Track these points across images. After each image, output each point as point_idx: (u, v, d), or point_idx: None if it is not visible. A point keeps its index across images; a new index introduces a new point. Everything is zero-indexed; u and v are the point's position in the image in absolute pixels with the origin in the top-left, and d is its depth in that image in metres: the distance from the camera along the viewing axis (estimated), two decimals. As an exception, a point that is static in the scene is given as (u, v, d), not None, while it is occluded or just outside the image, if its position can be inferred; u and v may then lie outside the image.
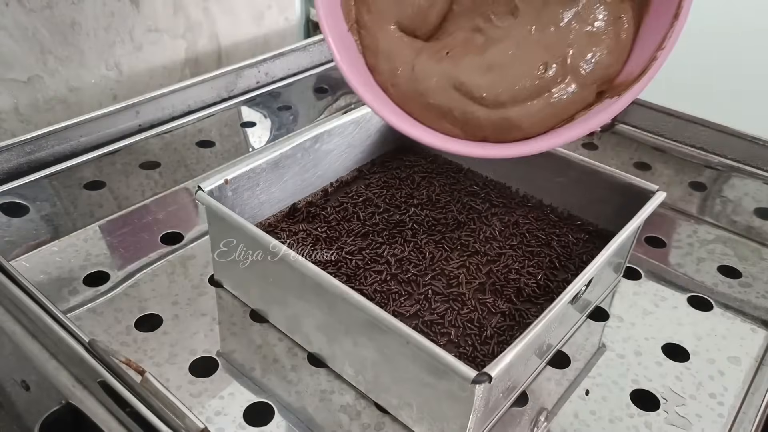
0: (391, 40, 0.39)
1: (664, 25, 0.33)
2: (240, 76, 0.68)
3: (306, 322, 0.38)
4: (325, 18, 0.37)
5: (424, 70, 0.38)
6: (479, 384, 0.29)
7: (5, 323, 0.39)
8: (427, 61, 0.38)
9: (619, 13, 0.35)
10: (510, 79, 0.36)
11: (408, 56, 0.39)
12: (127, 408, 0.32)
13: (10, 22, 0.55)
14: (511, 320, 0.39)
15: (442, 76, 0.37)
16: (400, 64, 0.39)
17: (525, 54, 0.36)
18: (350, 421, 0.36)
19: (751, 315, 0.45)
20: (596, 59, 0.35)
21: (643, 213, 0.41)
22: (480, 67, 0.37)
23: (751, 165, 0.60)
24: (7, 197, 0.51)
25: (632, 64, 0.35)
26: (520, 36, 0.36)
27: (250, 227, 0.37)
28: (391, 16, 0.39)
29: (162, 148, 0.59)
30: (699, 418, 0.37)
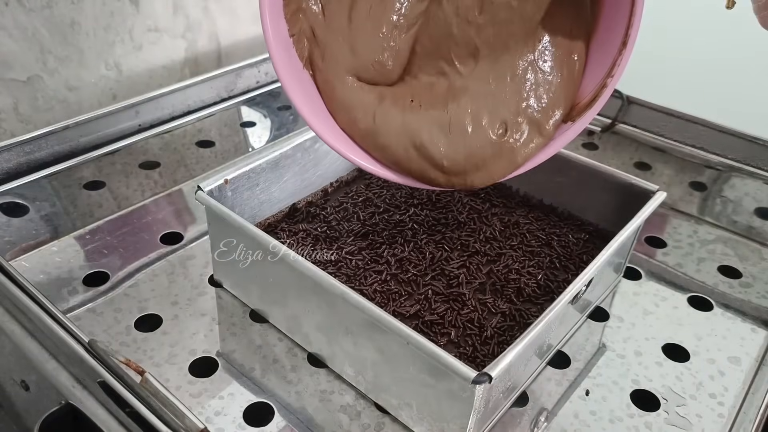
0: (348, 90, 0.37)
1: (612, 51, 0.33)
2: (240, 76, 0.68)
3: (306, 322, 0.38)
4: (275, 51, 0.35)
5: (386, 121, 0.36)
6: (479, 384, 0.29)
7: (5, 323, 0.39)
8: (390, 109, 0.37)
9: (572, 52, 0.35)
10: (470, 146, 0.35)
11: (369, 104, 0.37)
12: (127, 408, 0.32)
13: (10, 22, 0.55)
14: (512, 320, 0.39)
15: (403, 133, 0.36)
16: (361, 115, 0.37)
17: (485, 112, 0.36)
18: (350, 422, 0.36)
19: (751, 315, 0.45)
20: (553, 103, 0.35)
21: (644, 213, 0.41)
22: (441, 127, 0.36)
23: (751, 165, 0.60)
24: (6, 197, 0.51)
25: (583, 88, 0.35)
26: (480, 89, 0.36)
27: (250, 227, 0.37)
28: (347, 67, 0.37)
29: (162, 148, 0.59)
30: (699, 418, 0.37)
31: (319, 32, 0.36)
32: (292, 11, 0.35)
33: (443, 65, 0.37)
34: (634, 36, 0.32)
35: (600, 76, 0.34)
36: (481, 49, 0.35)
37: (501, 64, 0.35)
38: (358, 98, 0.37)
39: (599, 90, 0.33)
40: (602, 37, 0.34)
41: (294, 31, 0.36)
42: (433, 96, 0.37)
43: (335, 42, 0.36)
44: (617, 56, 0.33)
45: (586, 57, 0.35)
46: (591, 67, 0.35)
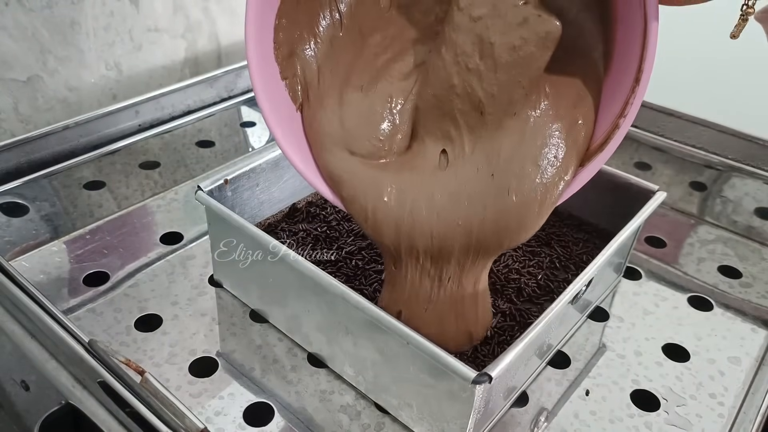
0: (344, 164, 0.34)
1: (624, 90, 0.31)
2: (240, 75, 0.68)
3: (306, 322, 0.38)
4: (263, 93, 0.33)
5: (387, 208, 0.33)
6: (479, 384, 0.29)
7: (5, 323, 0.39)
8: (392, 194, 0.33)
9: (582, 99, 0.32)
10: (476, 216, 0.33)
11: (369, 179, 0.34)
12: (127, 408, 0.32)
13: (10, 22, 0.55)
14: (512, 320, 0.39)
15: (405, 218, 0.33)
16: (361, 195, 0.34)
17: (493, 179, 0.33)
18: (350, 422, 0.36)
19: (751, 315, 0.45)
20: (566, 160, 0.32)
21: (644, 213, 0.41)
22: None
23: (751, 165, 0.60)
24: (6, 197, 0.51)
25: (596, 128, 0.33)
26: (486, 153, 0.33)
27: (250, 227, 0.37)
28: (341, 143, 0.34)
29: (162, 148, 0.59)
30: (699, 418, 0.37)
31: (312, 94, 0.35)
32: (285, 55, 0.34)
33: (449, 127, 0.34)
34: (648, 74, 0.30)
35: (612, 116, 0.32)
36: (485, 102, 0.32)
37: (506, 123, 0.33)
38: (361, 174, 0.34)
39: (611, 131, 0.31)
40: (614, 76, 0.32)
41: (287, 75, 0.34)
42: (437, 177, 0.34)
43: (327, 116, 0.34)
44: (629, 95, 0.30)
45: (599, 101, 0.33)
46: (604, 107, 0.33)
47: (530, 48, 0.31)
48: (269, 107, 0.33)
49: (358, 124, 0.34)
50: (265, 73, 0.33)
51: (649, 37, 0.29)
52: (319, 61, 0.35)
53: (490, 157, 0.33)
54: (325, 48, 0.35)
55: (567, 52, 0.32)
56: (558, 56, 0.32)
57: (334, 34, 0.35)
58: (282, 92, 0.34)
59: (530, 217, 0.32)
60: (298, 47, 0.34)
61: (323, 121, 0.35)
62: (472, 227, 0.32)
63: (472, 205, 0.32)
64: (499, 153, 0.33)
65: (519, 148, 0.32)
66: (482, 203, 0.32)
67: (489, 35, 0.31)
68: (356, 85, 0.35)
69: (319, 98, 0.35)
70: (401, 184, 0.33)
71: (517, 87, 0.32)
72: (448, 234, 0.33)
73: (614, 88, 0.32)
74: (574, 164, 0.32)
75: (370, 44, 0.35)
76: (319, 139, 0.35)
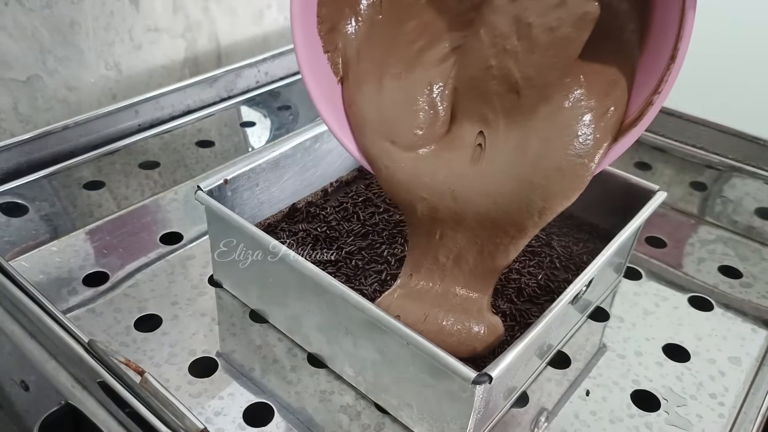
0: (385, 155, 0.35)
1: (660, 66, 0.31)
2: (239, 75, 0.68)
3: (306, 323, 0.38)
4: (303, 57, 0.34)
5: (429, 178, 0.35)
6: (479, 385, 0.29)
7: (5, 323, 0.39)
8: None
9: (617, 79, 0.33)
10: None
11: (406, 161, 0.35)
12: (127, 408, 0.32)
13: (10, 22, 0.55)
14: (512, 320, 0.39)
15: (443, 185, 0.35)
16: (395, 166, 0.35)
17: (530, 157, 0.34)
18: (350, 422, 0.36)
19: (751, 315, 0.45)
20: (601, 136, 0.33)
21: (644, 213, 0.41)
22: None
23: (751, 165, 0.60)
24: (6, 197, 0.51)
25: (630, 105, 0.33)
26: (524, 132, 0.34)
27: (249, 227, 0.37)
28: (381, 132, 0.35)
29: (161, 147, 0.59)
30: (699, 418, 0.37)
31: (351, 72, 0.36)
32: (327, 29, 0.35)
33: (485, 110, 0.35)
34: (684, 50, 0.30)
35: (646, 92, 0.32)
36: (522, 83, 0.33)
37: (542, 104, 0.33)
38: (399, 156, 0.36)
39: (645, 108, 0.32)
40: (649, 54, 0.33)
41: (329, 48, 0.36)
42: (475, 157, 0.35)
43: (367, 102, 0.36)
44: (665, 72, 0.31)
45: (632, 79, 0.33)
46: (637, 84, 0.33)
47: (567, 29, 0.32)
48: (312, 78, 0.35)
49: (399, 115, 0.35)
50: (309, 45, 0.35)
51: (686, 15, 0.30)
52: (359, 41, 0.36)
53: (526, 137, 0.33)
54: (365, 29, 0.36)
55: (601, 32, 0.32)
56: (592, 37, 0.32)
57: (373, 16, 0.36)
58: (324, 65, 0.36)
59: (566, 189, 0.32)
60: (339, 23, 0.36)
61: (363, 107, 0.36)
62: (507, 202, 0.33)
63: (508, 182, 0.33)
64: (535, 132, 0.33)
65: (554, 128, 0.33)
66: (518, 179, 0.33)
67: (527, 16, 0.32)
68: (394, 73, 0.36)
69: (357, 81, 0.36)
70: (440, 171, 0.34)
71: (553, 69, 0.33)
72: (485, 209, 0.34)
73: (649, 64, 0.32)
74: (608, 140, 0.32)
75: (406, 30, 0.36)
76: (359, 123, 0.36)
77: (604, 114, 0.32)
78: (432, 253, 0.36)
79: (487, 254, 0.35)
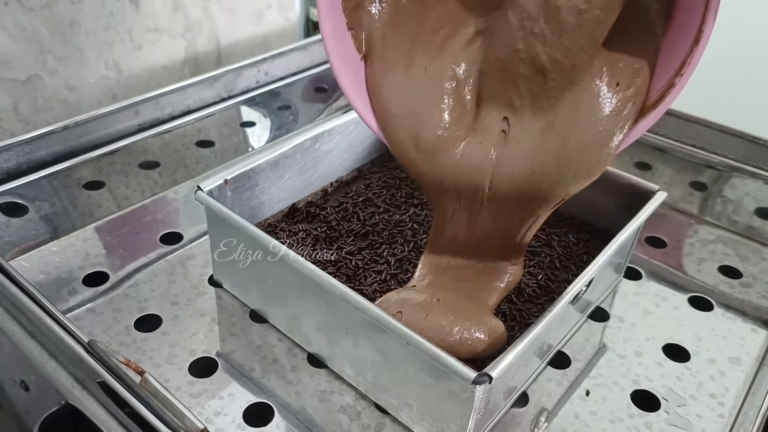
0: (409, 155, 0.37)
1: (683, 48, 0.32)
2: (239, 75, 0.68)
3: (306, 323, 0.38)
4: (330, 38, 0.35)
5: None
6: (479, 385, 0.29)
7: (5, 323, 0.39)
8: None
9: (641, 62, 0.33)
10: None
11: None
12: (127, 408, 0.32)
13: (10, 22, 0.55)
14: (512, 320, 0.39)
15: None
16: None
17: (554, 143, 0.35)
18: (350, 422, 0.36)
19: (751, 315, 0.45)
20: (624, 118, 0.34)
21: (644, 213, 0.41)
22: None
23: (751, 165, 0.60)
24: (6, 197, 0.51)
25: (651, 86, 0.34)
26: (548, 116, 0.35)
27: (249, 227, 0.37)
28: (407, 128, 0.36)
29: (161, 147, 0.59)
30: (699, 418, 0.37)
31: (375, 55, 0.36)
32: (352, 7, 0.35)
33: (512, 94, 0.35)
34: (708, 35, 0.31)
35: (669, 74, 0.32)
36: (549, 66, 0.34)
37: (568, 88, 0.34)
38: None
39: (667, 89, 0.32)
40: (672, 36, 0.33)
41: (353, 26, 0.36)
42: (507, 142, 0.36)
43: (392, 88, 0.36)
44: (688, 54, 0.31)
45: (655, 61, 0.34)
46: (660, 65, 0.33)
47: (595, 11, 0.32)
48: (335, 51, 0.35)
49: (425, 104, 0.36)
50: (334, 20, 0.35)
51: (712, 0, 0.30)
52: (384, 24, 0.36)
53: (551, 118, 0.34)
54: (390, 11, 0.36)
55: (626, 15, 0.33)
56: (617, 19, 0.33)
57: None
58: (348, 41, 0.36)
59: (588, 168, 0.34)
60: (365, 1, 0.36)
61: (389, 99, 0.36)
62: (532, 181, 0.34)
63: (533, 163, 0.34)
64: (559, 114, 0.34)
65: (578, 110, 0.34)
66: (542, 160, 0.34)
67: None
68: (420, 60, 0.36)
69: (383, 68, 0.36)
70: (465, 155, 0.36)
71: (580, 51, 0.33)
72: (511, 190, 0.35)
73: (671, 47, 0.33)
74: (630, 121, 0.33)
75: (431, 15, 0.36)
76: (385, 116, 0.36)
77: (626, 95, 0.33)
78: (455, 235, 0.37)
79: (510, 233, 0.37)
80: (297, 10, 0.84)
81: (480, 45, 0.36)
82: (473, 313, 0.36)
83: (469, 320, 0.35)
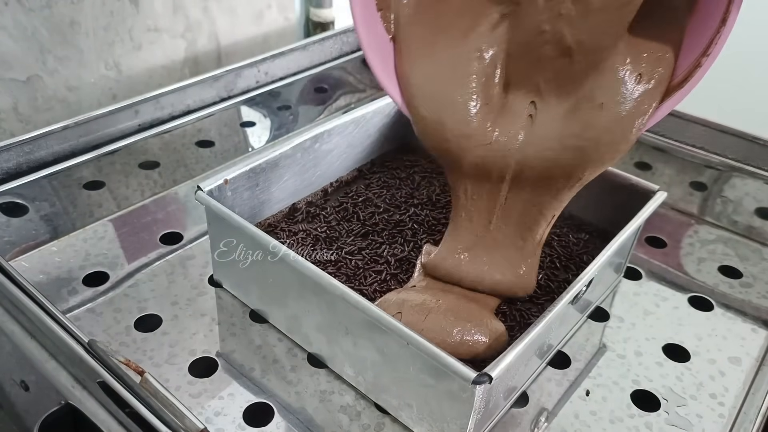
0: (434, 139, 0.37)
1: (710, 28, 0.32)
2: (239, 75, 0.68)
3: (306, 323, 0.38)
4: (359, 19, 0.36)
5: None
6: (479, 385, 0.29)
7: (5, 323, 0.39)
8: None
9: (667, 43, 0.34)
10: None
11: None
12: (127, 408, 0.32)
13: (9, 22, 0.55)
14: (512, 320, 0.39)
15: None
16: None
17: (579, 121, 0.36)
18: (350, 422, 0.36)
19: (752, 315, 0.45)
20: (650, 96, 0.34)
21: (644, 213, 0.41)
22: None
23: (751, 165, 0.60)
24: (6, 197, 0.51)
25: (678, 66, 0.34)
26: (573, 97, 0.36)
27: (249, 227, 0.37)
28: (434, 114, 0.37)
29: (161, 147, 0.59)
30: (699, 418, 0.37)
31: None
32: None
33: (538, 77, 0.36)
34: (735, 15, 0.31)
35: (695, 54, 0.33)
36: (575, 48, 0.34)
37: (593, 70, 0.35)
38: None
39: (693, 69, 0.33)
40: (698, 17, 0.33)
41: (381, 6, 0.37)
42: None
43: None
44: (714, 35, 0.31)
45: (681, 43, 0.34)
46: (686, 44, 0.34)
47: None
48: (364, 30, 0.36)
49: (453, 89, 0.36)
50: (364, 1, 0.36)
51: None
52: (411, 3, 0.37)
53: (578, 100, 0.35)
54: None
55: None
56: (644, 2, 0.33)
57: None
58: (377, 22, 0.37)
59: (615, 146, 0.34)
60: None
61: (416, 78, 0.37)
62: (557, 160, 0.35)
63: (561, 141, 0.35)
64: (587, 96, 0.35)
65: (603, 91, 0.34)
66: (569, 138, 0.35)
67: None
68: (446, 45, 0.37)
69: (410, 54, 0.37)
70: (494, 137, 0.36)
71: (606, 33, 0.33)
72: (538, 168, 0.36)
73: (697, 27, 0.33)
74: (656, 101, 0.34)
75: (458, 0, 0.37)
76: (411, 95, 0.37)
77: (652, 76, 0.34)
78: (477, 213, 0.39)
79: (529, 224, 0.38)
80: (297, 10, 0.84)
81: (506, 28, 0.36)
82: (474, 315, 0.36)
83: (470, 322, 0.35)
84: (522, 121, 0.36)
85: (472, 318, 0.35)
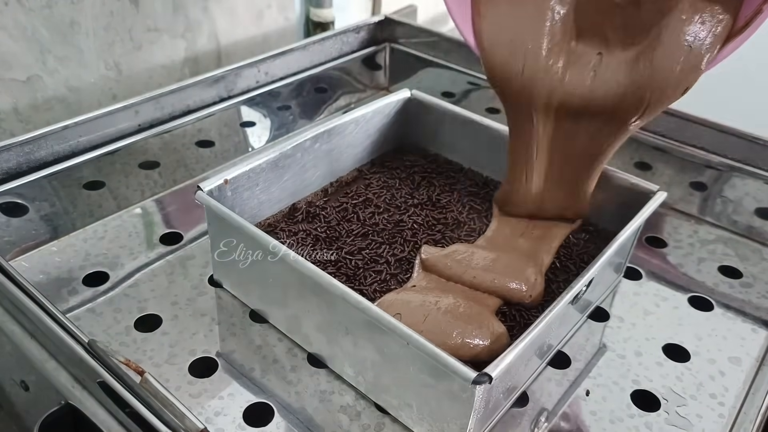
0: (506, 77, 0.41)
1: None
2: (239, 75, 0.68)
3: (306, 323, 0.38)
4: None
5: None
6: (479, 385, 0.29)
7: (5, 323, 0.39)
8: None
9: (719, 15, 0.37)
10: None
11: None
12: (127, 408, 0.32)
13: (10, 22, 0.55)
14: (512, 320, 0.39)
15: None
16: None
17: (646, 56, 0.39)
18: (350, 422, 0.36)
19: (751, 315, 0.45)
20: (716, 37, 0.37)
21: (644, 213, 0.41)
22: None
23: (751, 165, 0.60)
24: (6, 197, 0.51)
25: (740, 16, 0.37)
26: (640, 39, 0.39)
27: (249, 227, 0.37)
28: (512, 52, 0.40)
29: (161, 147, 0.59)
30: (699, 418, 0.37)
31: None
32: None
33: (606, 27, 0.39)
34: None
35: (754, 5, 0.36)
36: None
37: (659, 15, 0.38)
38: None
39: (755, 15, 0.35)
40: None
41: None
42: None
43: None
44: None
45: None
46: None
47: None
48: None
49: (526, 34, 0.40)
50: None
51: None
52: None
53: (644, 47, 0.38)
54: None
55: None
56: None
57: None
58: None
59: (680, 82, 0.37)
60: None
61: (491, 18, 0.41)
62: (623, 96, 0.39)
63: (627, 79, 0.39)
64: (653, 41, 0.38)
65: (670, 34, 0.37)
66: (638, 74, 0.38)
67: None
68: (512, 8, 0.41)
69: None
70: (561, 76, 0.40)
71: None
72: (605, 105, 0.40)
73: None
74: (720, 43, 0.37)
75: None
76: (485, 34, 0.41)
77: (716, 21, 0.36)
78: (541, 147, 0.43)
79: (593, 144, 0.42)
80: (297, 10, 0.84)
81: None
82: (474, 316, 0.36)
83: (470, 323, 0.35)
84: (592, 60, 0.40)
85: (473, 319, 0.35)
